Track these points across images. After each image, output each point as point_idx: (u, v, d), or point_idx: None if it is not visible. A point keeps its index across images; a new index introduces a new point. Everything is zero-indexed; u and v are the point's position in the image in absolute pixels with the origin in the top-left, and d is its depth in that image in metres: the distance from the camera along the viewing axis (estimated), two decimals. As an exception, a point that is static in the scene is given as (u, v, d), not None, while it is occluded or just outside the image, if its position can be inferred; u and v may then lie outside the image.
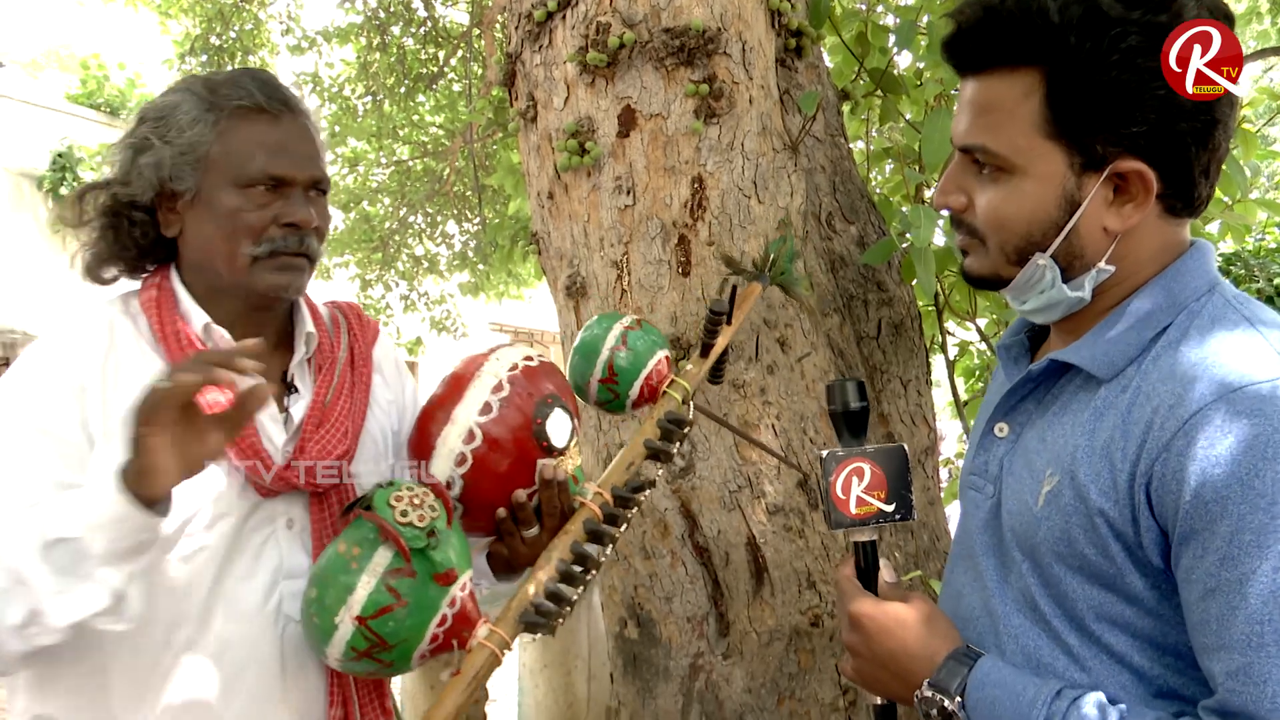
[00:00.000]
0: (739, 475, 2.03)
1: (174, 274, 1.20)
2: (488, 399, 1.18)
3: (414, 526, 1.02)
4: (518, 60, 2.22)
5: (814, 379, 2.09)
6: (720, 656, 2.06)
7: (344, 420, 1.24)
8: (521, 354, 1.25)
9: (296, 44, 7.98)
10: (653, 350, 1.39)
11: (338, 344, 1.31)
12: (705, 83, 1.99)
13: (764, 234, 2.06)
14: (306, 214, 1.19)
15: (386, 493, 1.05)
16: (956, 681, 0.91)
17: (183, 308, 1.18)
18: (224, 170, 1.16)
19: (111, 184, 1.20)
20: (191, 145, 1.15)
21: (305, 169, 1.20)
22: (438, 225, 9.21)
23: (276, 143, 1.18)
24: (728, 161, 2.03)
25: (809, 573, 2.03)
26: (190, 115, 1.17)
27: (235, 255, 1.15)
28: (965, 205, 0.97)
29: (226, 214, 1.15)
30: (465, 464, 1.16)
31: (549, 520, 1.21)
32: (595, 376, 1.36)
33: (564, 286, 2.16)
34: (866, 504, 1.02)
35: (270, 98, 1.19)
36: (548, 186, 2.17)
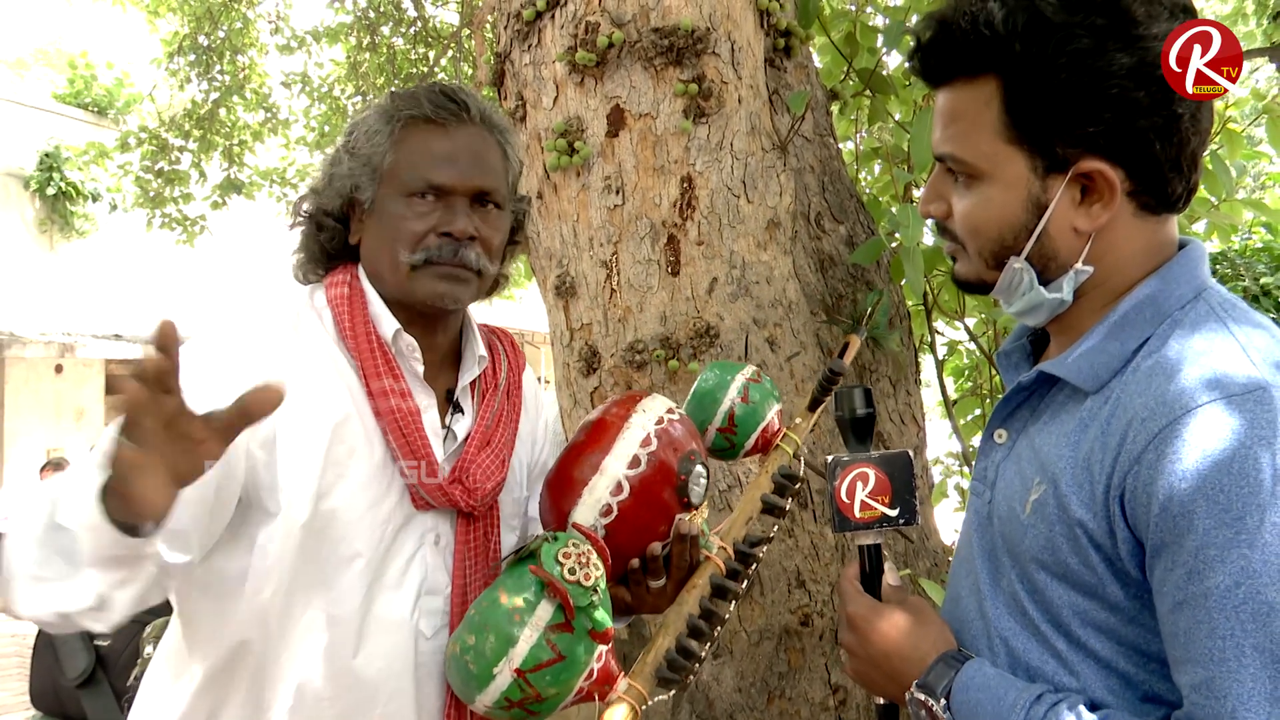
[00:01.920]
0: (728, 474, 2.04)
1: (361, 274, 1.24)
2: (636, 452, 1.19)
3: (580, 585, 1.04)
4: (506, 60, 2.21)
5: (803, 378, 2.09)
6: (710, 656, 2.06)
7: (503, 448, 1.27)
8: (665, 407, 1.27)
9: (286, 44, 7.96)
10: (770, 404, 1.44)
11: (498, 369, 1.34)
12: (694, 82, 2.00)
13: (752, 233, 2.06)
14: (464, 224, 1.19)
15: (554, 548, 1.06)
16: (943, 684, 0.92)
17: (373, 310, 1.21)
18: (394, 180, 1.19)
19: (316, 191, 1.26)
20: (370, 156, 1.20)
21: (469, 178, 1.20)
22: (428, 225, 9.18)
23: (443, 152, 1.19)
24: (717, 161, 2.03)
25: (798, 572, 2.03)
26: (372, 127, 1.21)
27: (396, 264, 1.18)
28: (947, 213, 0.99)
29: (391, 222, 1.19)
30: (610, 515, 1.17)
31: (676, 572, 1.22)
32: (715, 425, 1.40)
33: (553, 286, 2.16)
34: (871, 508, 1.04)
35: (440, 107, 1.20)
36: (537, 186, 2.17)
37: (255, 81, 8.14)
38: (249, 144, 8.01)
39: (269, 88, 8.20)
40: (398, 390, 1.17)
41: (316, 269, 1.28)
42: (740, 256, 2.04)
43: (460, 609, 1.20)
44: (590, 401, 2.12)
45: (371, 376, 1.17)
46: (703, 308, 2.02)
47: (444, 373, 1.27)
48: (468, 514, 1.22)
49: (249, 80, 8.05)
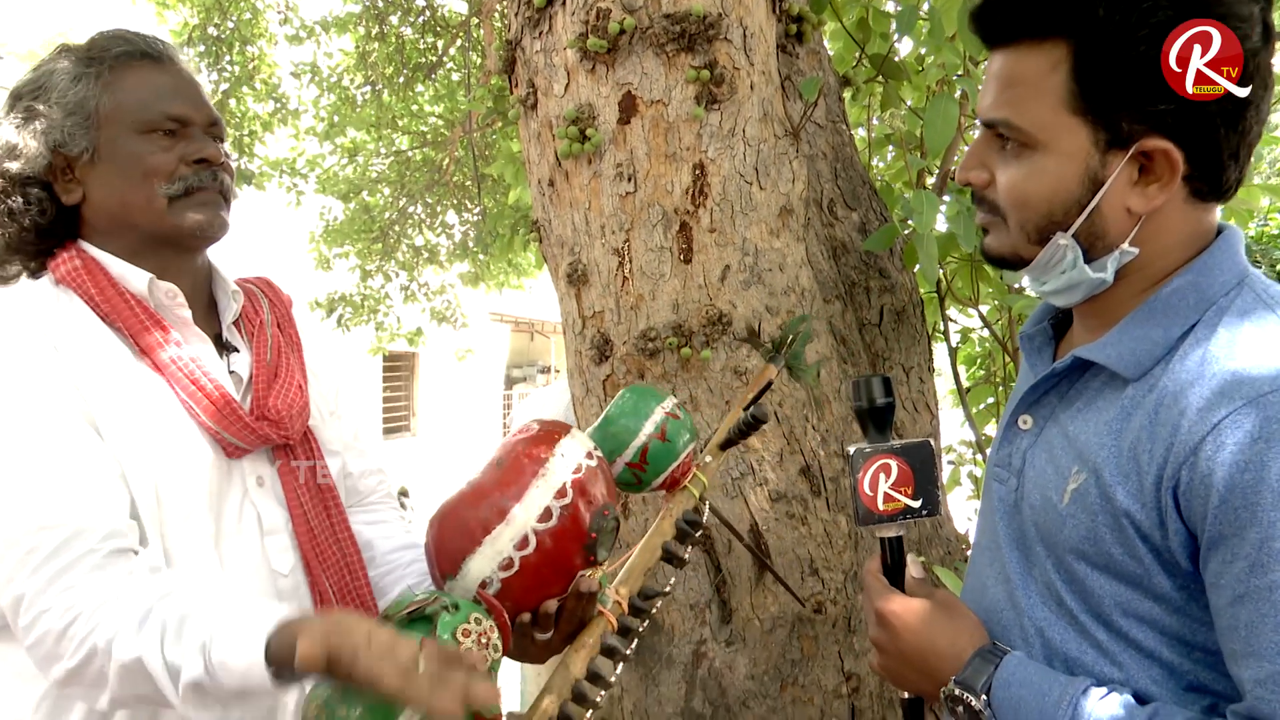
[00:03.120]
0: (741, 462, 2.03)
1: (86, 246, 1.16)
2: (549, 504, 1.08)
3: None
4: (517, 47, 2.20)
5: (816, 366, 2.08)
6: (723, 644, 2.07)
7: (294, 373, 1.23)
8: (584, 450, 1.16)
9: (295, 34, 7.95)
10: (685, 443, 1.33)
11: (258, 308, 1.29)
12: (706, 69, 1.98)
13: (764, 220, 2.05)
14: (214, 150, 1.17)
15: (453, 621, 0.98)
16: (982, 679, 0.91)
17: (116, 271, 1.13)
18: (120, 121, 1.13)
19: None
20: (79, 103, 1.13)
21: (202, 110, 1.19)
22: (437, 215, 9.20)
23: (168, 86, 1.17)
24: (729, 148, 2.02)
25: (811, 559, 2.02)
26: (71, 74, 1.14)
27: (151, 199, 1.13)
28: (987, 181, 0.96)
29: (132, 161, 1.12)
30: (510, 569, 1.07)
31: (566, 626, 1.12)
32: (625, 459, 1.28)
33: (565, 274, 2.16)
34: (894, 500, 1.01)
35: (150, 45, 1.17)
36: (548, 174, 2.16)
37: (265, 72, 8.15)
38: (259, 134, 8.02)
39: (278, 78, 8.20)
40: (169, 340, 1.12)
41: (17, 260, 1.18)
42: (753, 244, 2.03)
43: (308, 539, 1.17)
44: (603, 390, 2.11)
45: (139, 334, 1.11)
46: (715, 295, 2.01)
47: (206, 321, 1.22)
48: (284, 447, 1.18)
49: (258, 71, 8.05)
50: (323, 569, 1.18)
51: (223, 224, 1.19)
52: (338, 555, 1.21)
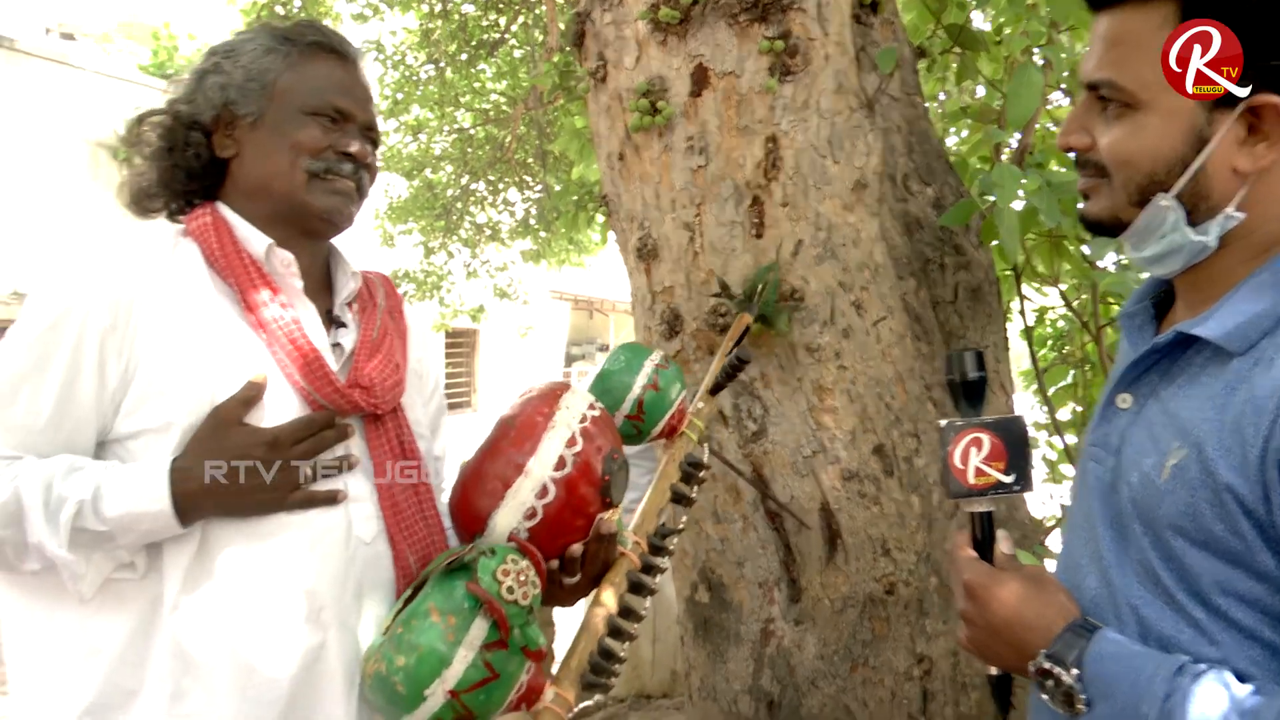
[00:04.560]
0: (813, 440, 2.01)
1: (221, 206, 1.22)
2: (562, 453, 1.16)
3: (517, 604, 1.02)
4: (587, 19, 2.19)
5: (890, 343, 2.05)
6: (792, 622, 2.05)
7: (394, 354, 1.27)
8: (586, 403, 1.24)
9: (360, 12, 8.01)
10: (677, 390, 1.43)
11: (374, 293, 1.34)
12: (780, 39, 1.95)
13: (838, 195, 2.01)
14: (364, 148, 1.24)
15: (491, 564, 1.03)
16: (1074, 653, 0.88)
17: (240, 232, 1.19)
18: (292, 97, 1.21)
19: (174, 103, 1.23)
20: (262, 71, 1.21)
21: (365, 110, 1.26)
22: (499, 192, 9.23)
23: (342, 81, 1.24)
24: (802, 121, 1.98)
25: (884, 540, 1.99)
26: (263, 46, 1.22)
27: (294, 169, 1.19)
28: (1089, 145, 0.93)
29: (288, 132, 1.20)
30: (534, 518, 1.14)
31: (591, 569, 1.20)
32: (623, 412, 1.39)
33: (635, 248, 2.14)
34: (985, 475, 0.99)
35: (341, 43, 1.26)
36: (618, 147, 2.15)
37: (331, 50, 8.20)
38: (325, 112, 8.10)
39: (344, 56, 8.25)
40: (276, 302, 1.17)
41: (164, 195, 1.25)
42: (826, 218, 2.00)
43: (391, 511, 1.20)
44: (672, 366, 2.10)
45: (249, 290, 1.16)
46: (788, 271, 1.98)
47: (319, 295, 1.26)
48: (375, 418, 1.21)
49: (324, 49, 8.11)
50: (406, 540, 1.19)
51: (349, 216, 1.25)
52: (422, 528, 1.21)
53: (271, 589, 1.08)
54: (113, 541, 1.01)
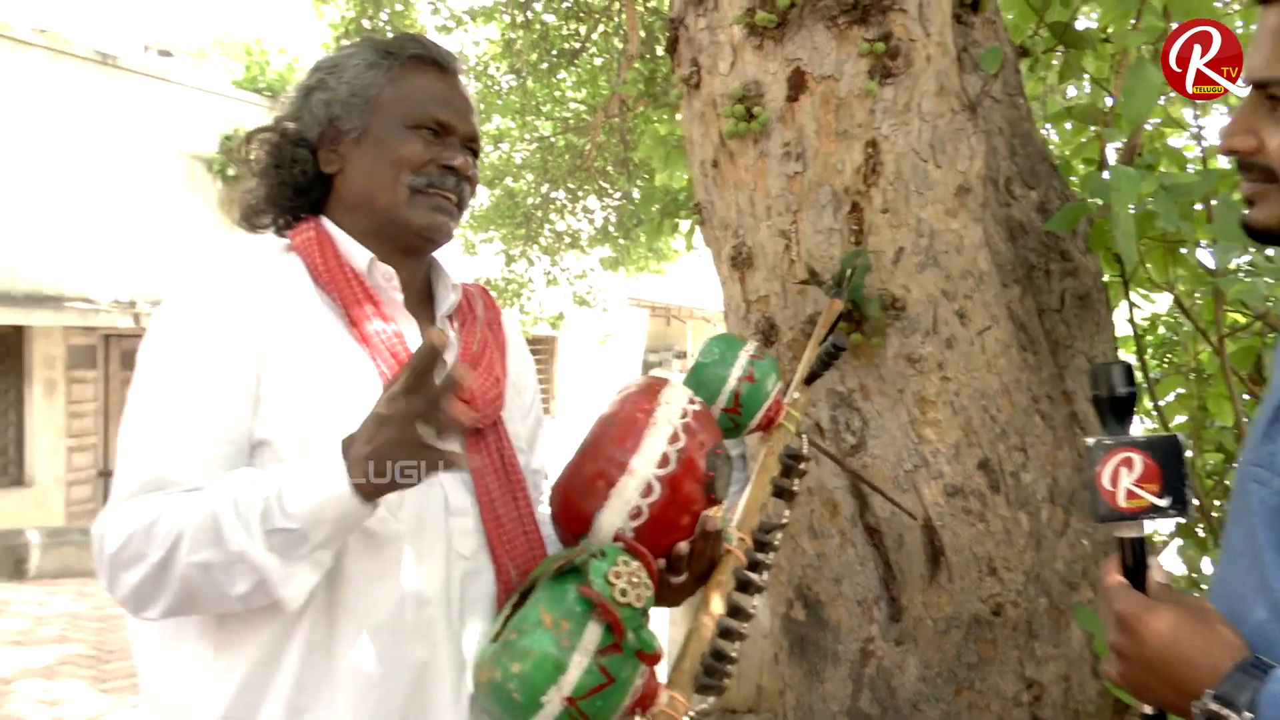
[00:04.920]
0: (914, 454, 1.94)
1: (325, 220, 1.23)
2: (665, 450, 1.14)
3: (631, 607, 1.00)
4: (680, 25, 2.16)
5: (995, 354, 1.97)
6: (892, 642, 1.98)
7: (493, 368, 1.26)
8: (685, 397, 1.22)
9: (443, 24, 8.13)
10: (773, 381, 1.40)
11: (474, 305, 1.34)
12: (880, 41, 1.89)
13: (941, 200, 1.94)
14: (465, 161, 1.24)
15: (602, 566, 1.01)
16: (1246, 695, 0.81)
17: (344, 246, 1.20)
18: (394, 111, 1.21)
19: (281, 120, 1.25)
20: (365, 87, 1.21)
21: (466, 123, 1.26)
22: (579, 200, 9.28)
23: (443, 94, 1.24)
24: (904, 124, 1.92)
25: (990, 559, 1.92)
26: (366, 61, 1.23)
27: (396, 185, 1.19)
28: (1255, 147, 0.86)
29: (391, 147, 1.20)
30: (640, 517, 1.12)
31: (697, 567, 1.18)
32: (720, 405, 1.36)
33: (729, 257, 2.10)
34: (1137, 497, 0.92)
35: (443, 55, 1.26)
36: (712, 154, 2.11)
37: (415, 62, 8.34)
38: (409, 123, 8.24)
39: (428, 67, 8.38)
40: (379, 315, 1.17)
41: (272, 211, 1.26)
42: (929, 224, 1.93)
43: (493, 525, 1.18)
44: (767, 376, 2.06)
45: (352, 304, 1.16)
46: (888, 278, 1.92)
47: (420, 309, 1.27)
48: (475, 432, 1.20)
49: (409, 61, 8.25)
50: (507, 555, 1.18)
51: (449, 231, 1.25)
52: (523, 543, 1.20)
53: (384, 605, 1.08)
54: (307, 541, 0.98)
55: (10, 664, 4.77)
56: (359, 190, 1.21)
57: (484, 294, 1.38)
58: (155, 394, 1.08)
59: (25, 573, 6.91)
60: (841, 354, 1.52)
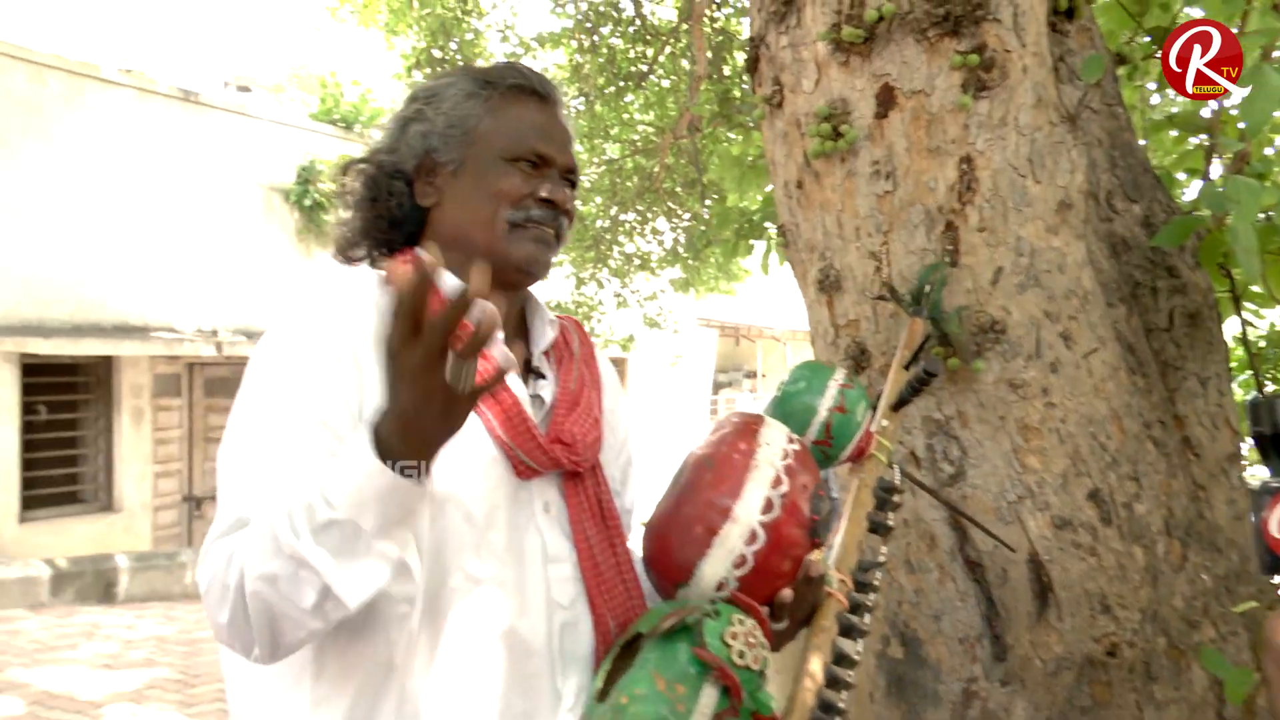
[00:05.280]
0: (1018, 484, 1.84)
1: (420, 253, 1.20)
2: (768, 495, 1.09)
3: (749, 669, 0.96)
4: (761, 44, 2.10)
5: (1103, 377, 1.86)
6: (998, 683, 1.88)
7: (591, 409, 1.22)
8: (784, 436, 1.17)
9: (512, 51, 8.21)
10: (863, 410, 1.33)
11: (569, 340, 1.30)
12: (974, 53, 1.81)
13: (1041, 217, 1.85)
14: (563, 194, 1.21)
15: (719, 626, 0.97)
16: None
17: (442, 281, 1.15)
18: (492, 143, 1.18)
19: (378, 153, 1.23)
20: (463, 118, 1.19)
21: (565, 154, 1.23)
22: (648, 222, 9.27)
23: (543, 125, 1.21)
24: (1000, 139, 1.83)
25: (1103, 595, 1.81)
26: (464, 91, 1.20)
27: (494, 219, 1.16)
28: None
29: (490, 181, 1.17)
30: (744, 566, 1.07)
31: (797, 613, 1.13)
32: (810, 437, 1.30)
33: (815, 280, 2.03)
34: None
35: (543, 84, 1.23)
36: (796, 175, 2.05)
37: (485, 89, 8.43)
38: (480, 150, 8.32)
39: (498, 95, 8.47)
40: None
41: (367, 243, 1.23)
42: (1028, 243, 1.84)
43: (592, 574, 1.14)
44: (858, 404, 1.98)
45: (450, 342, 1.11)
46: (986, 300, 1.83)
47: (517, 344, 1.23)
48: (573, 475, 1.16)
49: (479, 88, 8.35)
50: (606, 604, 1.13)
51: (546, 265, 1.22)
52: (622, 592, 1.15)
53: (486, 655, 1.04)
54: (360, 531, 0.93)
55: (101, 688, 4.87)
56: (456, 224, 1.18)
57: (579, 328, 1.34)
58: (252, 430, 1.06)
59: (115, 596, 7.08)
60: (933, 380, 1.44)
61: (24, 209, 8.24)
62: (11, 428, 8.16)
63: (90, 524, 8.77)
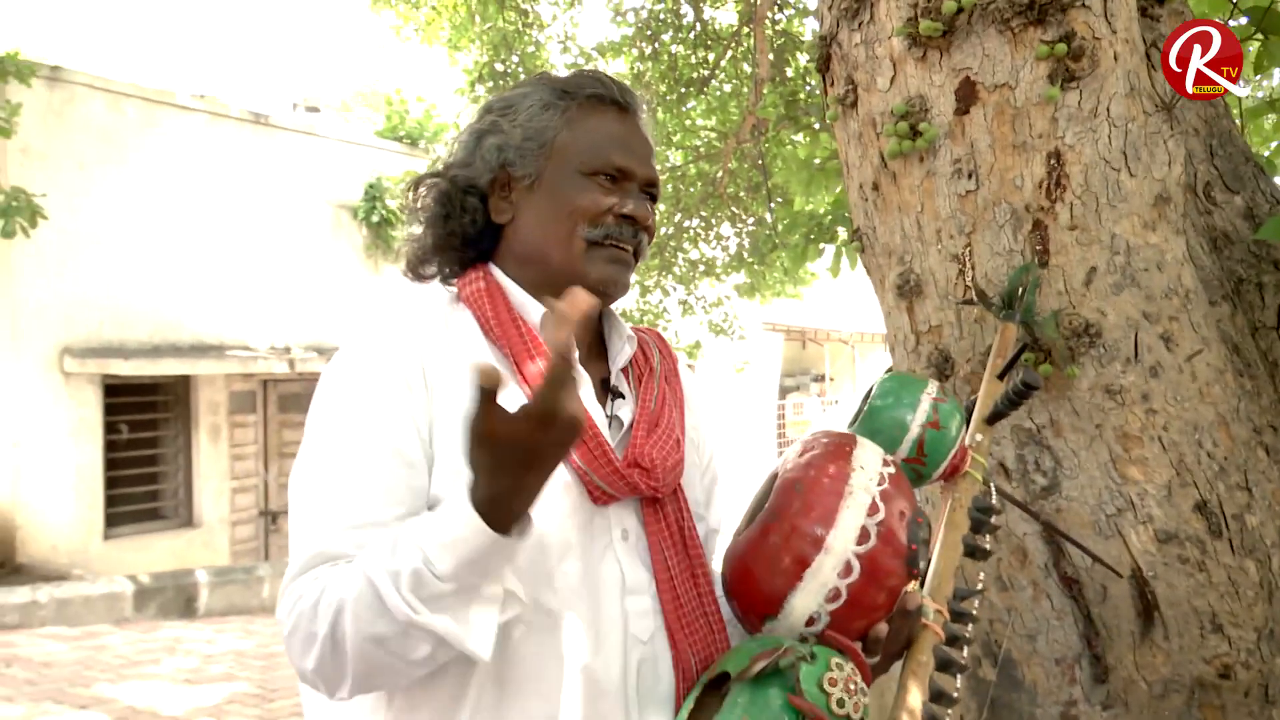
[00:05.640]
0: (1118, 496, 1.74)
1: (495, 270, 1.15)
2: (863, 524, 1.02)
3: (849, 718, 0.90)
4: (833, 42, 2.03)
5: (1207, 381, 1.75)
6: (1099, 706, 1.77)
7: (674, 428, 1.15)
8: (879, 458, 1.09)
9: (573, 61, 8.23)
10: (957, 425, 1.25)
11: (649, 355, 1.23)
12: (1061, 41, 1.72)
13: (1137, 212, 1.75)
14: (644, 209, 1.14)
15: (815, 671, 0.91)
16: None
17: (515, 299, 1.12)
18: (570, 157, 1.12)
19: (451, 168, 1.18)
20: (539, 130, 1.13)
21: (645, 166, 1.16)
22: (712, 227, 9.20)
23: (622, 136, 1.15)
24: (1090, 131, 1.74)
25: (1213, 613, 1.69)
26: (541, 101, 1.14)
27: (572, 238, 1.11)
28: None
29: (567, 196, 1.11)
30: (838, 599, 1.00)
31: (890, 647, 1.06)
32: (902, 455, 1.22)
33: (894, 286, 1.95)
34: None
35: (622, 93, 1.17)
36: (872, 176, 1.97)
37: (547, 101, 8.46)
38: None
39: (560, 106, 8.50)
40: None
41: (438, 259, 1.18)
42: (1124, 240, 1.74)
43: (672, 606, 1.07)
44: (943, 413, 1.89)
45: (524, 361, 1.07)
46: (1079, 302, 1.74)
47: (593, 362, 1.17)
48: (653, 501, 1.10)
49: (541, 100, 8.38)
50: (688, 640, 1.06)
51: (625, 285, 1.16)
52: (704, 627, 1.08)
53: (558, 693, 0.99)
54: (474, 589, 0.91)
55: (182, 703, 4.95)
56: (532, 241, 1.13)
57: (660, 341, 1.28)
58: (325, 461, 1.02)
59: (195, 611, 7.22)
60: (1033, 393, 1.34)
61: (103, 235, 8.49)
62: (95, 447, 8.39)
63: (171, 539, 8.98)
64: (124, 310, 8.62)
